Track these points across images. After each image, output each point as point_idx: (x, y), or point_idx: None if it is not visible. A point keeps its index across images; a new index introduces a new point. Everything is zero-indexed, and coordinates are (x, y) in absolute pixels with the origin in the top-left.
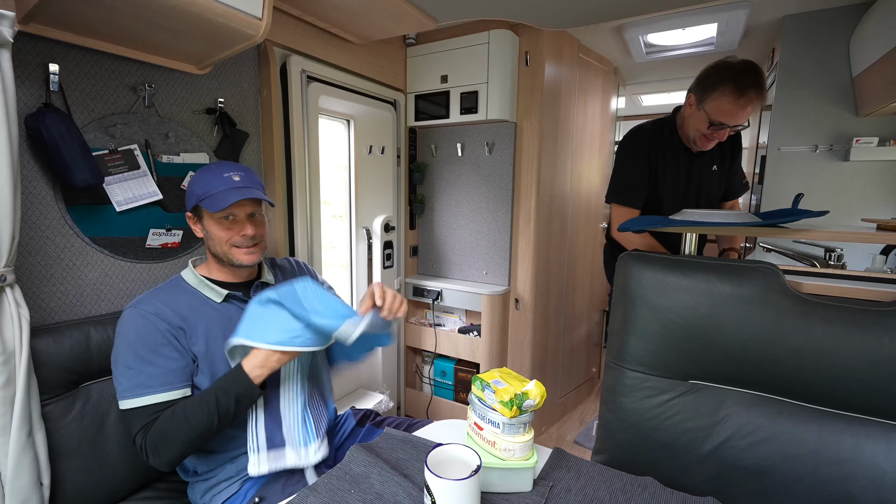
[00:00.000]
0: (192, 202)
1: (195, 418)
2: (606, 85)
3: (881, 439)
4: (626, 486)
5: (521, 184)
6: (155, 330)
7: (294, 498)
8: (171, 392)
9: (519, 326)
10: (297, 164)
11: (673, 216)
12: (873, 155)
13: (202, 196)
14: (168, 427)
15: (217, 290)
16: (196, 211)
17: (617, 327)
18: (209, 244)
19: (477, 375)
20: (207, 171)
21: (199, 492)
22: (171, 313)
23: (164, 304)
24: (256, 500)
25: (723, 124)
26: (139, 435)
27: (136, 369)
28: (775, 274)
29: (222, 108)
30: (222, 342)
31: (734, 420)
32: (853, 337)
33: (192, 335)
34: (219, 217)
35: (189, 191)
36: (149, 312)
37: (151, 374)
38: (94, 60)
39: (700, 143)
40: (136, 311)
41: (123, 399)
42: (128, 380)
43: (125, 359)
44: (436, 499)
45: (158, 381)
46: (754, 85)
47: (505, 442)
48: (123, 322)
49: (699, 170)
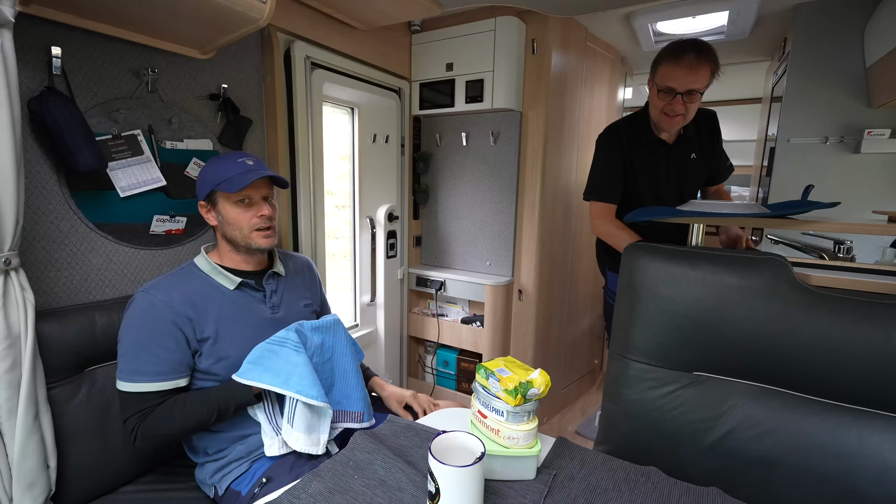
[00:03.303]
0: (207, 189)
1: (192, 420)
2: (614, 74)
3: (887, 432)
4: (630, 476)
5: (526, 174)
6: (161, 318)
7: (298, 483)
8: (163, 383)
9: (522, 317)
10: (300, 152)
11: (681, 206)
12: (885, 147)
13: (218, 181)
14: (164, 422)
15: (230, 278)
16: (210, 198)
17: (621, 318)
18: (225, 230)
19: (481, 364)
20: (220, 159)
21: (209, 472)
22: (182, 301)
23: (175, 291)
24: (264, 480)
25: (671, 89)
26: (132, 419)
27: (134, 354)
28: (783, 266)
29: (226, 95)
30: (232, 329)
31: (739, 412)
32: (861, 330)
33: (201, 322)
34: (235, 200)
35: (202, 178)
36: (159, 300)
37: (147, 361)
38: (96, 44)
39: (663, 124)
40: (147, 296)
41: (119, 380)
42: (126, 363)
43: (127, 341)
44: (440, 485)
45: (153, 370)
46: (693, 48)
47: (509, 430)
48: (133, 305)
49: (677, 160)
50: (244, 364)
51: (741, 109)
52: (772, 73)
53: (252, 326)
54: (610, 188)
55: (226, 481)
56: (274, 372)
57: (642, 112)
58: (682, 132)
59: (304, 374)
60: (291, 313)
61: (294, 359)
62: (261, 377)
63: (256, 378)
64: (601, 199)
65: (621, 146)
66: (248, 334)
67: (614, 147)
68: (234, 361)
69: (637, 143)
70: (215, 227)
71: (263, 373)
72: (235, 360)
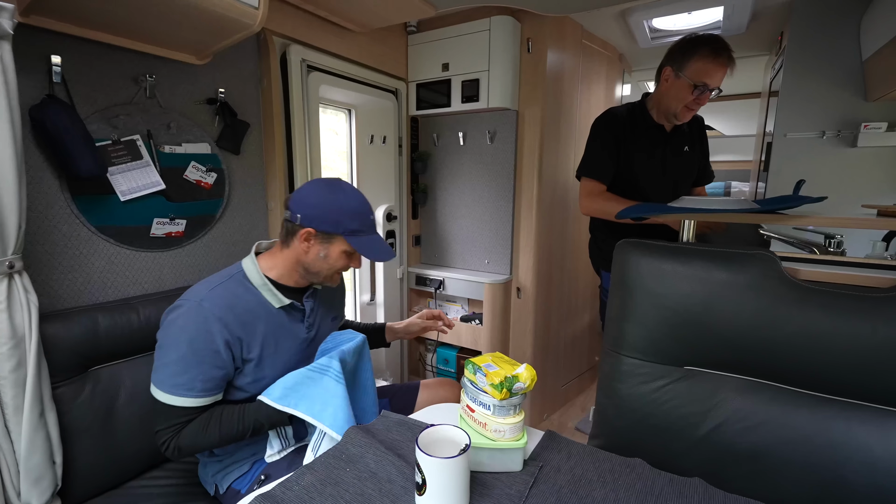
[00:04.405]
0: (332, 228)
1: (227, 437)
2: (611, 72)
3: (874, 424)
4: (615, 467)
5: (523, 173)
6: (213, 338)
7: (291, 475)
8: (205, 398)
9: (521, 315)
10: (298, 153)
11: (672, 203)
12: (882, 140)
13: (352, 231)
14: (200, 438)
15: (279, 297)
16: (327, 234)
17: (614, 314)
18: (312, 263)
19: (470, 360)
20: (353, 201)
21: (211, 471)
22: (234, 321)
23: (229, 309)
24: (262, 477)
25: (706, 85)
26: (167, 432)
27: (180, 368)
28: (772, 261)
29: (223, 99)
30: (273, 351)
31: (728, 405)
32: (849, 323)
33: (248, 344)
34: (350, 250)
35: (330, 211)
36: (213, 316)
37: (194, 377)
38: (95, 51)
39: (682, 116)
40: (200, 311)
41: (159, 390)
42: (168, 375)
43: (173, 354)
44: (426, 476)
45: (199, 388)
46: (727, 47)
47: (495, 423)
48: (185, 316)
49: (674, 150)
50: (279, 388)
51: (741, 104)
52: (770, 68)
53: (290, 348)
54: (601, 167)
55: (227, 480)
56: (311, 400)
57: (640, 102)
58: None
59: (339, 406)
60: (323, 330)
61: (334, 389)
62: (297, 404)
63: (292, 405)
64: (591, 175)
65: (616, 128)
66: (286, 357)
67: (609, 129)
68: (269, 382)
69: (634, 126)
70: (284, 244)
71: (300, 400)
72: (271, 381)
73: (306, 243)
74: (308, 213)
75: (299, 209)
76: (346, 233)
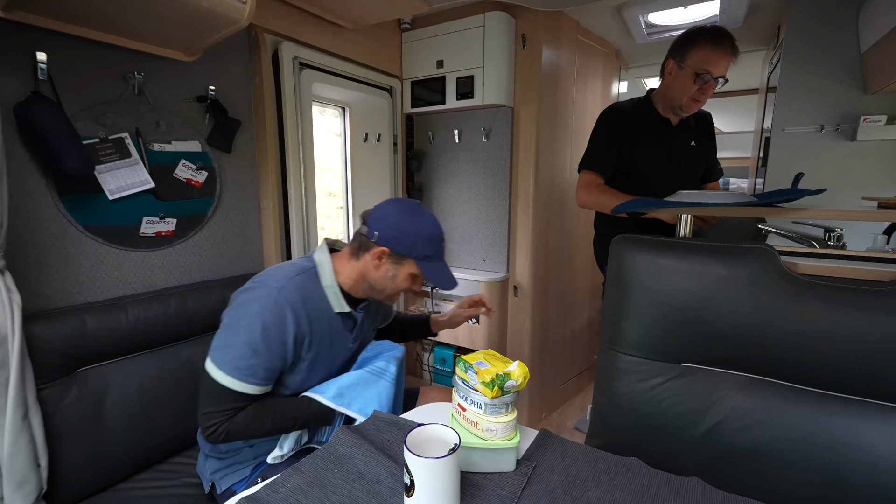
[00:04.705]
0: (408, 251)
1: (276, 429)
2: (607, 68)
3: (877, 421)
4: (611, 467)
5: (519, 170)
6: (286, 330)
7: (277, 477)
8: (264, 388)
9: (518, 313)
10: (290, 152)
11: (668, 198)
12: (882, 134)
13: (424, 256)
14: (251, 427)
15: (341, 303)
16: (400, 255)
17: (611, 311)
18: (379, 282)
19: (461, 357)
20: (432, 230)
21: (211, 468)
22: (304, 317)
23: (304, 301)
24: (259, 480)
25: (708, 73)
26: (219, 415)
27: (248, 353)
28: (771, 255)
29: (213, 96)
30: (323, 356)
31: (727, 403)
32: (849, 317)
33: (310, 342)
34: (417, 274)
35: (406, 237)
36: (290, 307)
37: (260, 364)
38: (82, 48)
39: (688, 107)
40: (280, 298)
41: (220, 371)
42: (236, 357)
43: (243, 337)
44: (414, 477)
45: (261, 376)
46: (728, 35)
47: (487, 422)
48: (264, 300)
49: (679, 142)
50: (334, 388)
51: (738, 101)
52: (767, 63)
53: (337, 356)
54: (600, 160)
55: (226, 482)
56: (365, 400)
57: (644, 97)
58: (684, 118)
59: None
60: (364, 343)
61: (389, 392)
62: (350, 404)
63: (346, 405)
64: (589, 168)
65: (619, 122)
66: (332, 363)
67: (611, 123)
68: (312, 385)
69: (640, 121)
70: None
71: (353, 400)
72: (314, 385)
73: (378, 261)
74: (386, 233)
75: (378, 227)
76: (419, 257)
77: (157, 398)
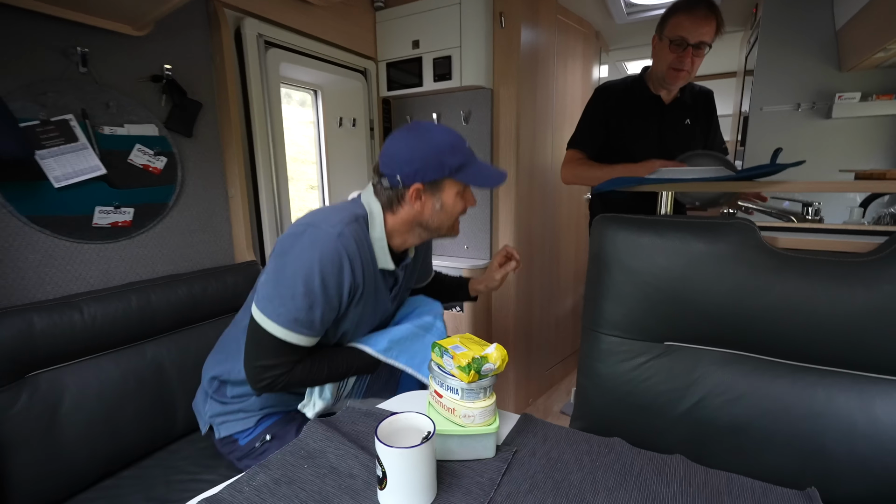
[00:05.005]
0: (439, 173)
1: (331, 377)
2: (587, 50)
3: (853, 391)
4: (593, 448)
5: (500, 154)
6: (344, 276)
7: (242, 475)
8: (317, 339)
9: (502, 300)
10: (259, 137)
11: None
12: (856, 111)
13: (458, 167)
14: (309, 377)
15: (387, 258)
16: (436, 183)
17: (592, 292)
18: (430, 218)
19: (436, 342)
20: (446, 137)
21: (211, 410)
22: (360, 268)
23: (357, 250)
24: (268, 437)
25: (682, 39)
26: (278, 367)
27: (307, 303)
28: (751, 229)
29: (170, 76)
30: (365, 314)
31: (709, 380)
32: (827, 290)
33: (359, 298)
34: (458, 189)
35: (429, 160)
36: (346, 256)
37: (318, 315)
38: (12, 19)
39: (669, 79)
40: (340, 245)
41: (276, 324)
42: (294, 309)
43: (301, 286)
44: (386, 469)
45: (318, 328)
46: (704, 1)
47: (464, 408)
48: (324, 244)
49: (672, 121)
50: (385, 340)
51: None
52: (745, 43)
53: (377, 316)
54: (584, 137)
55: (227, 429)
56: (411, 354)
57: (638, 75)
58: (679, 95)
59: None
60: (400, 304)
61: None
62: (398, 357)
63: (394, 357)
64: (574, 146)
65: (608, 100)
66: (372, 323)
67: (599, 100)
68: (343, 340)
69: (630, 98)
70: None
71: (401, 353)
72: (345, 339)
73: (419, 202)
74: (407, 169)
75: (396, 169)
76: (452, 172)
77: (120, 401)
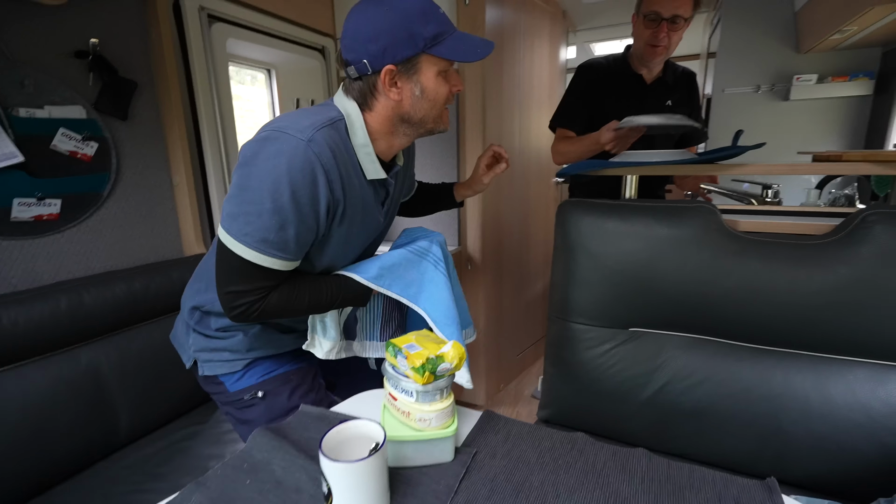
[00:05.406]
0: (412, 48)
1: (314, 306)
2: (554, 30)
3: (810, 372)
4: (555, 444)
5: (467, 136)
6: (319, 190)
7: (176, 496)
8: (294, 262)
9: (472, 286)
10: (205, 120)
11: (613, 158)
12: (813, 93)
13: (433, 38)
14: (288, 304)
15: (376, 167)
16: (411, 62)
17: (558, 279)
18: (410, 109)
19: (390, 341)
20: (419, 3)
21: (195, 344)
22: (337, 179)
23: (333, 160)
24: (259, 394)
25: (656, 13)
26: (251, 294)
27: (276, 222)
28: (713, 213)
29: (98, 52)
30: (359, 230)
31: (672, 365)
32: (786, 272)
33: (342, 216)
34: (439, 69)
35: (397, 32)
36: (321, 165)
37: (290, 236)
38: None
39: (647, 55)
40: (310, 153)
41: (243, 245)
42: (260, 228)
43: (270, 200)
44: (331, 485)
45: (292, 249)
46: None
47: (419, 411)
48: (292, 154)
49: (653, 101)
50: (375, 267)
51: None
52: (708, 25)
53: (369, 234)
54: (566, 115)
55: (214, 369)
56: (406, 283)
57: (621, 53)
58: (662, 75)
59: (437, 292)
60: (392, 217)
61: (432, 274)
62: (390, 286)
63: (386, 286)
64: (558, 124)
65: (590, 77)
66: (363, 243)
67: (581, 78)
68: (339, 267)
69: (612, 76)
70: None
71: (394, 281)
72: (333, 265)
73: (395, 89)
74: (373, 48)
75: (362, 51)
76: (427, 45)
77: (50, 413)
